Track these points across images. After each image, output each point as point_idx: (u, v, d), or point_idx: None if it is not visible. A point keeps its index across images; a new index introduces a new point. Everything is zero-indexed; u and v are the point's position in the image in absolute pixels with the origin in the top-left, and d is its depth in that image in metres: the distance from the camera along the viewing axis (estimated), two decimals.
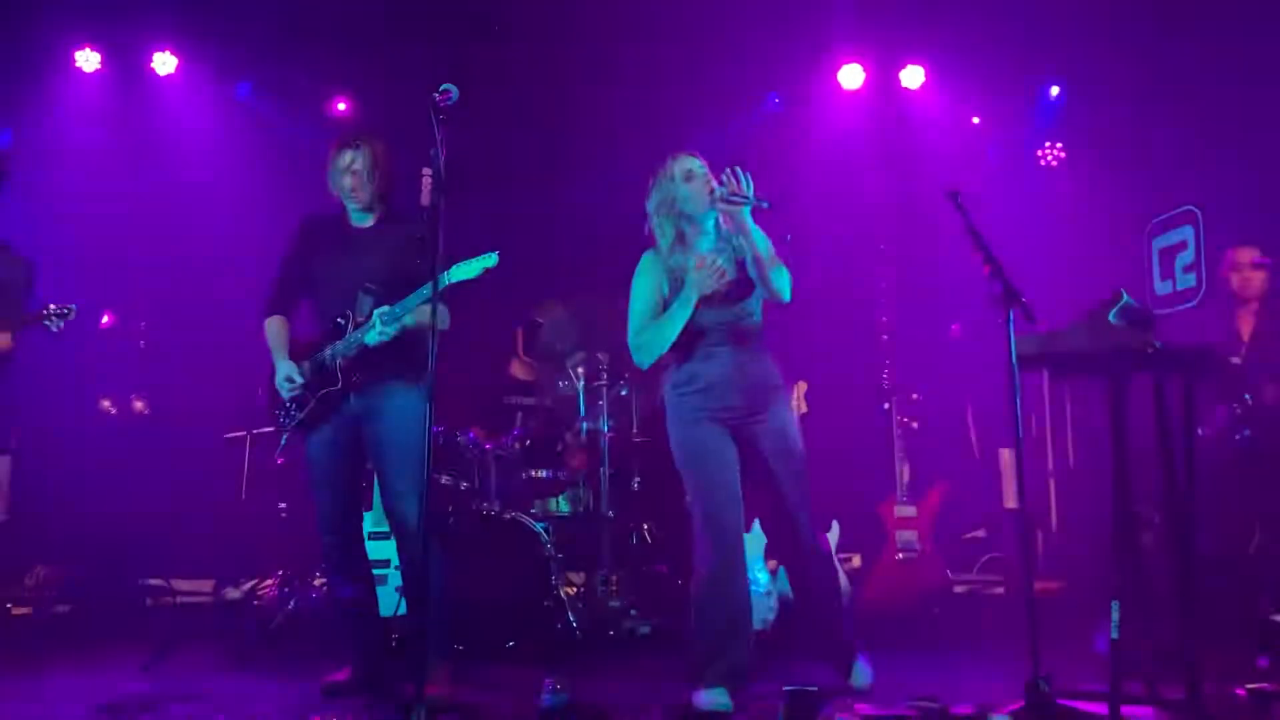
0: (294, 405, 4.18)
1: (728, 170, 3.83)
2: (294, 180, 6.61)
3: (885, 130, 7.23)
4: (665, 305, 3.95)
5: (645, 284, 4.02)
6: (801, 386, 5.88)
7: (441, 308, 3.70)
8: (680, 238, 4.01)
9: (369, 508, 4.94)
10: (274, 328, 4.29)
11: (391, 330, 3.96)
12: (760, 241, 3.88)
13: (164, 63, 6.86)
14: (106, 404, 6.76)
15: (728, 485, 3.92)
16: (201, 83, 6.98)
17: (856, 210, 7.45)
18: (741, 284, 4.00)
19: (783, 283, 3.92)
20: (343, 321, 4.08)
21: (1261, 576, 4.75)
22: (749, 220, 3.84)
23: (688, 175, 3.99)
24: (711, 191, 3.90)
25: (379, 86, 6.98)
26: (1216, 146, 6.36)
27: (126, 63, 6.86)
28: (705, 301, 3.89)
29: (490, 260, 3.82)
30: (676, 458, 4.02)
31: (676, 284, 3.95)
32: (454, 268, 3.82)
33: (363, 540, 4.37)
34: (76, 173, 6.80)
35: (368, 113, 7.14)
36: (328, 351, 4.11)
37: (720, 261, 3.89)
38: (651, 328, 3.93)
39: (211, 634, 5.19)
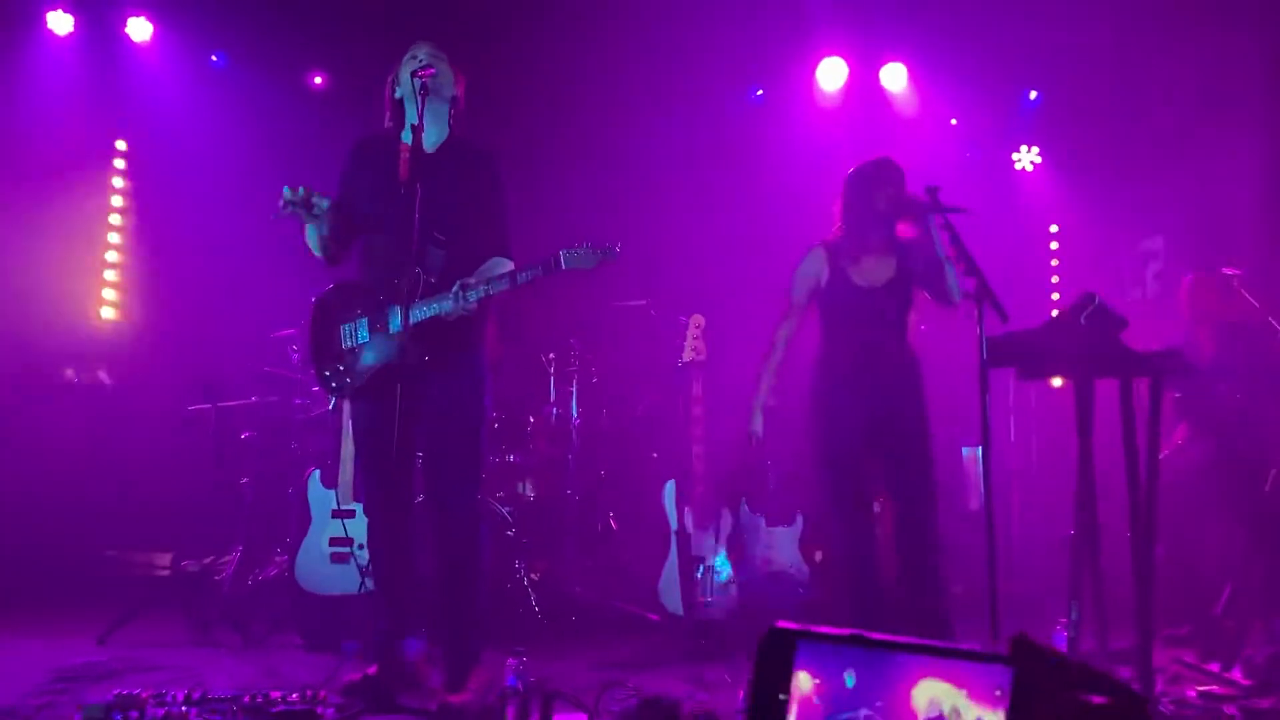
0: (344, 368, 3.68)
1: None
2: (269, 154, 6.55)
3: (864, 127, 7.23)
4: (818, 292, 4.26)
5: (800, 273, 4.33)
6: (697, 320, 4.96)
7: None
8: (863, 242, 4.21)
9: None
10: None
11: (473, 306, 3.51)
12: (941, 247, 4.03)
13: (139, 28, 6.73)
14: (70, 373, 6.66)
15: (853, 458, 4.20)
16: (177, 50, 6.86)
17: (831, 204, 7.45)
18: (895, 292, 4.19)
19: (956, 285, 4.06)
20: (413, 280, 3.51)
21: (1216, 581, 4.81)
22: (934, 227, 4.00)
23: (885, 181, 4.19)
24: (903, 198, 4.09)
25: (358, 62, 6.87)
26: (1182, 165, 6.42)
27: (101, 26, 6.73)
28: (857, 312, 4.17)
29: (611, 255, 3.51)
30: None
31: (841, 276, 4.20)
32: (567, 255, 3.47)
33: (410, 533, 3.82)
34: (47, 137, 6.66)
35: (346, 88, 7.06)
36: (398, 314, 3.53)
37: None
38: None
39: (169, 607, 5.14)
